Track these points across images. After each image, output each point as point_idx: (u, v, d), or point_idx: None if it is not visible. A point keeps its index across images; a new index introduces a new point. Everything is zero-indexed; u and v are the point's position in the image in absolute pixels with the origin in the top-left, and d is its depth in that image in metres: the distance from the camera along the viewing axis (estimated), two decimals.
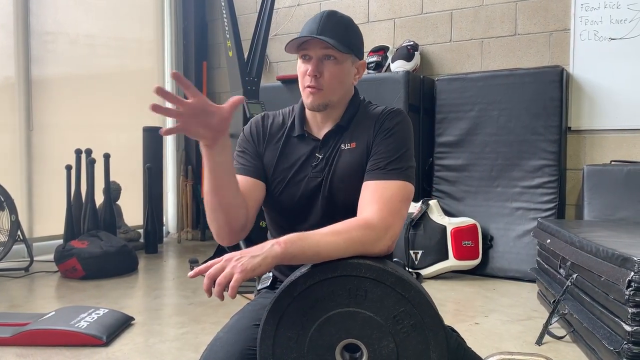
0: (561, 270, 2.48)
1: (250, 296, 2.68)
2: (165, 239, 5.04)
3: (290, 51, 1.29)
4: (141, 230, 4.56)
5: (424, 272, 3.49)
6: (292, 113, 1.38)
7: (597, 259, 2.05)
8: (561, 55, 3.73)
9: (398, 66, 3.99)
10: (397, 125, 1.28)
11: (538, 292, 2.96)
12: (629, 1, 3.51)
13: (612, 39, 3.57)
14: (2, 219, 3.60)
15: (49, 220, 4.22)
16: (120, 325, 2.43)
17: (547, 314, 2.41)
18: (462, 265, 3.50)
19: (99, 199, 4.04)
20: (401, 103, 3.70)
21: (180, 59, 5.39)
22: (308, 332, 1.04)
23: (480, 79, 3.73)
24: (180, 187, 5.29)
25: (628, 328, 1.79)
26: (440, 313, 1.05)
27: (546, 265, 2.79)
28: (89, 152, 3.99)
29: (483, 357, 1.28)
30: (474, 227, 3.52)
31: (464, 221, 3.54)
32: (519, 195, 3.56)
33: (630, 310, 1.79)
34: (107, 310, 2.50)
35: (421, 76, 3.98)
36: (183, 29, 5.40)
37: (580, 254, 2.22)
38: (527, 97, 3.54)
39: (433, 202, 3.62)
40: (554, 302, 2.33)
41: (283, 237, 1.06)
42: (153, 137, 4.74)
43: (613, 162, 3.47)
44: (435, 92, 3.89)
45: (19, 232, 3.59)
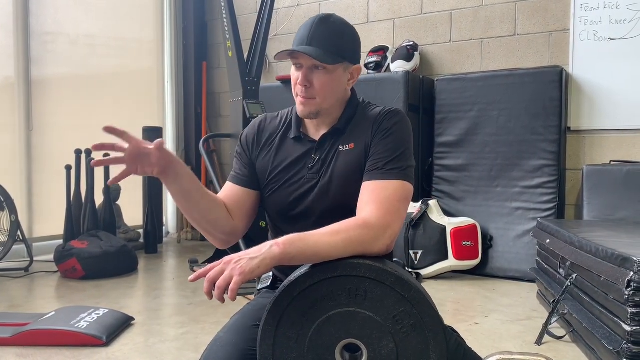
0: (561, 270, 2.48)
1: (251, 297, 2.68)
2: (165, 239, 5.04)
3: (281, 59, 1.30)
4: (141, 231, 4.56)
5: (424, 272, 3.50)
6: (290, 115, 1.38)
7: (596, 259, 2.05)
8: (561, 56, 3.74)
9: (398, 66, 3.99)
10: (395, 125, 1.28)
11: (538, 292, 2.97)
12: (628, 1, 3.51)
13: (611, 39, 3.58)
14: (2, 219, 3.60)
15: (49, 221, 4.22)
16: (120, 325, 2.43)
17: (546, 314, 2.41)
18: (461, 265, 3.50)
19: (99, 199, 4.04)
20: (401, 103, 3.70)
21: (180, 59, 5.39)
22: (308, 332, 1.04)
23: (480, 79, 3.73)
24: None
25: (627, 328, 1.80)
26: (440, 313, 1.05)
27: (546, 265, 2.79)
28: (88, 152, 3.99)
29: (483, 357, 1.28)
30: (473, 227, 3.52)
31: (463, 221, 3.54)
32: (519, 195, 3.57)
33: (629, 310, 1.79)
34: (107, 311, 2.50)
35: (421, 76, 3.99)
36: (183, 29, 5.40)
37: (579, 254, 2.22)
38: (526, 97, 3.55)
39: (433, 202, 3.62)
40: (553, 302, 2.34)
41: (282, 238, 1.06)
42: (153, 137, 4.65)
43: (612, 162, 3.47)
44: (435, 92, 3.90)
45: (19, 232, 3.59)
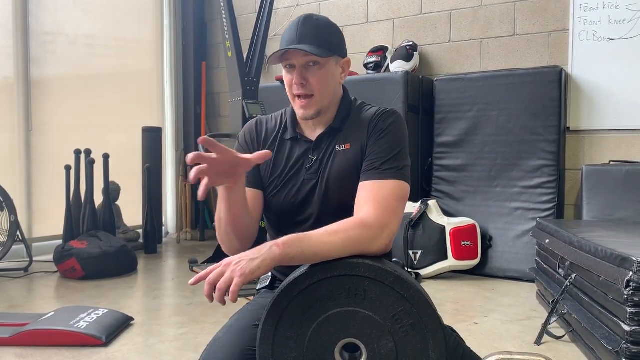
0: (560, 270, 2.49)
1: (251, 297, 2.68)
2: (164, 239, 5.04)
3: (273, 63, 1.31)
4: (140, 231, 4.56)
5: (423, 272, 3.50)
6: (285, 116, 1.39)
7: (595, 259, 2.05)
8: (560, 56, 3.74)
9: (397, 66, 3.99)
10: (390, 126, 1.29)
11: (537, 292, 2.97)
12: (627, 1, 3.51)
13: (610, 39, 3.58)
14: (1, 219, 3.60)
15: (48, 221, 4.22)
16: (120, 325, 2.43)
17: (546, 314, 2.41)
18: (461, 265, 3.50)
19: (98, 199, 4.04)
20: (400, 103, 3.70)
21: (179, 59, 5.39)
22: (307, 332, 1.04)
23: (480, 79, 3.73)
24: (180, 188, 5.29)
25: (627, 328, 1.80)
26: (440, 313, 1.06)
27: (545, 265, 2.79)
28: (88, 152, 3.99)
29: (482, 357, 1.28)
30: (473, 227, 3.52)
31: (463, 221, 3.54)
32: (518, 195, 3.57)
33: (628, 310, 1.79)
34: (106, 311, 2.50)
35: (420, 76, 3.99)
36: (182, 29, 5.40)
37: (579, 254, 2.22)
38: (526, 97, 3.55)
39: (432, 202, 3.62)
40: (553, 302, 2.34)
41: (281, 239, 1.06)
42: (152, 138, 4.74)
43: (612, 162, 3.48)
44: (434, 92, 3.90)
45: (18, 233, 3.59)
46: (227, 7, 3.79)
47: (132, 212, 4.63)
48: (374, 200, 1.18)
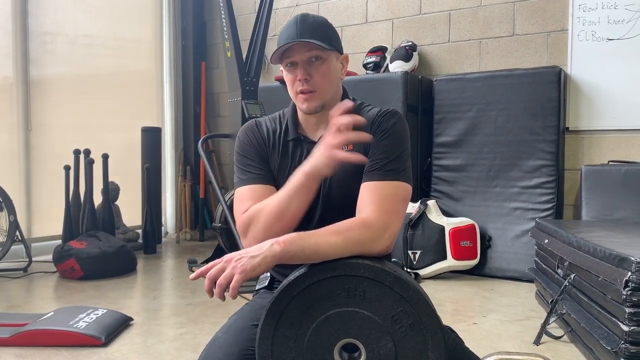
0: (559, 270, 2.49)
1: (249, 296, 2.68)
2: (163, 239, 5.04)
3: (275, 62, 1.30)
4: (140, 231, 4.55)
5: (423, 272, 3.50)
6: (284, 117, 1.38)
7: (594, 259, 2.05)
8: (559, 56, 3.74)
9: (396, 66, 4.00)
10: (393, 126, 1.28)
11: (536, 292, 2.97)
12: (626, 2, 3.52)
13: (609, 40, 3.58)
14: (0, 219, 3.60)
15: (48, 221, 4.21)
16: (119, 325, 2.43)
17: (545, 314, 2.41)
18: (460, 266, 3.50)
19: (98, 199, 4.04)
20: (399, 103, 3.70)
21: (178, 59, 5.39)
22: (307, 332, 1.04)
23: (479, 79, 3.74)
24: (179, 188, 5.28)
25: (625, 328, 1.80)
26: (439, 313, 1.06)
27: (544, 266, 2.79)
28: (87, 152, 3.99)
29: (481, 357, 1.28)
30: (472, 227, 3.53)
31: (462, 221, 3.54)
32: (517, 196, 3.57)
33: (627, 310, 1.79)
34: (105, 311, 2.50)
35: (419, 76, 3.99)
36: (182, 29, 5.40)
37: (578, 254, 2.22)
38: (525, 97, 3.55)
39: (431, 202, 3.62)
40: (551, 302, 2.34)
41: (282, 237, 1.06)
42: (151, 138, 4.74)
43: (611, 163, 3.48)
44: (433, 92, 3.90)
45: (18, 233, 3.59)
46: (226, 7, 3.79)
47: (131, 212, 4.63)
48: (376, 201, 1.18)
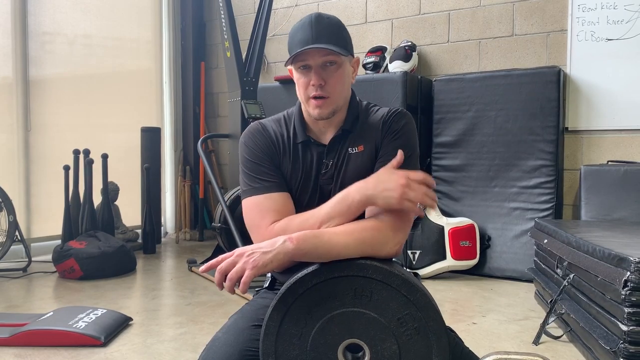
0: (558, 270, 2.49)
1: (249, 296, 2.69)
2: (163, 240, 5.04)
3: (287, 64, 1.26)
4: (139, 231, 4.56)
5: (422, 272, 3.50)
6: (290, 119, 1.34)
7: (593, 259, 2.06)
8: (558, 56, 3.74)
9: (396, 67, 4.00)
10: (404, 127, 1.28)
11: (535, 292, 2.97)
12: (625, 2, 3.52)
13: (609, 40, 3.58)
14: (0, 219, 3.60)
15: (47, 221, 4.21)
16: (119, 325, 2.43)
17: (544, 314, 2.41)
18: (459, 265, 3.50)
19: (97, 199, 4.04)
20: (399, 103, 3.70)
21: (178, 59, 5.39)
22: (311, 330, 1.04)
23: (478, 79, 3.74)
24: (178, 188, 5.28)
25: (624, 328, 1.80)
26: None
27: (543, 265, 2.80)
28: (87, 152, 3.99)
29: (480, 357, 1.28)
30: (471, 227, 3.53)
31: (461, 221, 3.55)
32: (517, 196, 3.57)
33: (626, 310, 1.79)
34: (105, 311, 2.50)
35: (419, 77, 3.99)
36: (181, 29, 5.40)
37: (577, 254, 2.23)
38: (524, 97, 3.55)
39: None
40: (551, 302, 2.34)
41: (295, 234, 1.06)
42: (151, 138, 4.74)
43: (610, 163, 3.48)
44: (432, 92, 3.90)
45: (17, 233, 3.59)
46: (225, 7, 3.79)
47: (130, 212, 4.64)
48: None
